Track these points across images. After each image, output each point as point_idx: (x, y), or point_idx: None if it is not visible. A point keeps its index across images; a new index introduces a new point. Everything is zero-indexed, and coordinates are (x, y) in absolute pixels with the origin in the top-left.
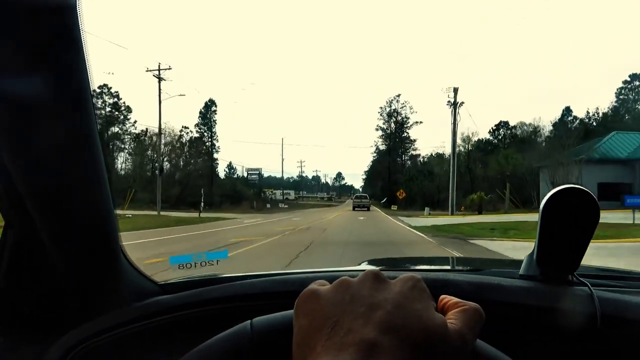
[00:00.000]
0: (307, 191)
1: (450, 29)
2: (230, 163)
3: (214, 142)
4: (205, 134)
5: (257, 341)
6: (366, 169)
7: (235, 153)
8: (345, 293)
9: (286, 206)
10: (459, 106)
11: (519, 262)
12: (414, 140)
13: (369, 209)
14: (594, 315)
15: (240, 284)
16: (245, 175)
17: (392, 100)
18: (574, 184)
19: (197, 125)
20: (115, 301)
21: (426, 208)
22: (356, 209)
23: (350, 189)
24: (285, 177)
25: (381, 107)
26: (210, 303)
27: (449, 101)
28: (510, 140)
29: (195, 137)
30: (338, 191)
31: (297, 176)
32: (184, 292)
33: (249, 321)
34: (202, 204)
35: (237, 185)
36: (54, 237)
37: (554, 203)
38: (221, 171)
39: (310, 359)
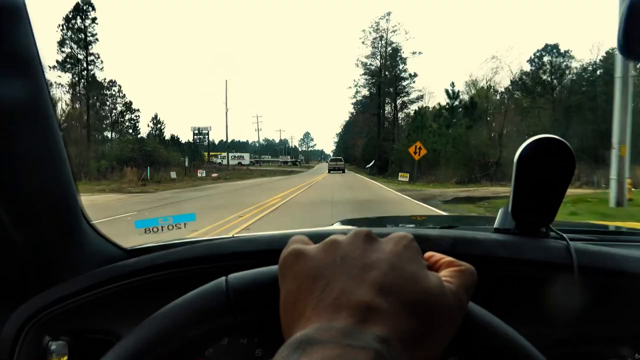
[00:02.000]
0: (273, 155)
1: None
2: (156, 116)
3: (92, 67)
4: (79, 55)
5: (234, 299)
6: (339, 130)
7: (187, 114)
8: (335, 253)
9: (215, 175)
10: None
11: (492, 218)
12: (413, 76)
13: (343, 171)
14: (570, 267)
15: (209, 245)
16: (192, 136)
17: (379, 20)
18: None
19: (60, 42)
20: (79, 267)
21: None
22: (331, 171)
23: (320, 153)
24: (253, 141)
25: (364, 31)
26: (178, 265)
27: None
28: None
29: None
30: (306, 155)
31: (263, 140)
32: (150, 255)
33: (224, 278)
34: None
35: (147, 145)
36: (8, 203)
37: (529, 154)
38: (144, 126)
39: (300, 323)
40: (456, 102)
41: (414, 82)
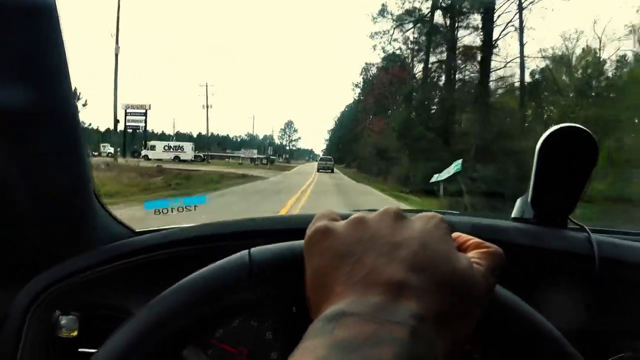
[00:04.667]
0: (259, 151)
1: None
2: None
3: None
4: None
5: (257, 273)
6: (332, 126)
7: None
8: (363, 231)
9: None
10: None
11: (507, 215)
12: None
13: (332, 171)
14: (591, 258)
15: (221, 223)
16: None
17: None
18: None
19: None
20: (88, 245)
21: None
22: (320, 170)
23: (309, 153)
24: (235, 135)
25: None
26: (191, 242)
27: None
28: None
29: None
30: (289, 152)
31: (245, 134)
32: (160, 232)
33: (247, 251)
34: None
35: None
36: (22, 180)
37: (552, 143)
38: None
39: (331, 299)
40: None
41: None
